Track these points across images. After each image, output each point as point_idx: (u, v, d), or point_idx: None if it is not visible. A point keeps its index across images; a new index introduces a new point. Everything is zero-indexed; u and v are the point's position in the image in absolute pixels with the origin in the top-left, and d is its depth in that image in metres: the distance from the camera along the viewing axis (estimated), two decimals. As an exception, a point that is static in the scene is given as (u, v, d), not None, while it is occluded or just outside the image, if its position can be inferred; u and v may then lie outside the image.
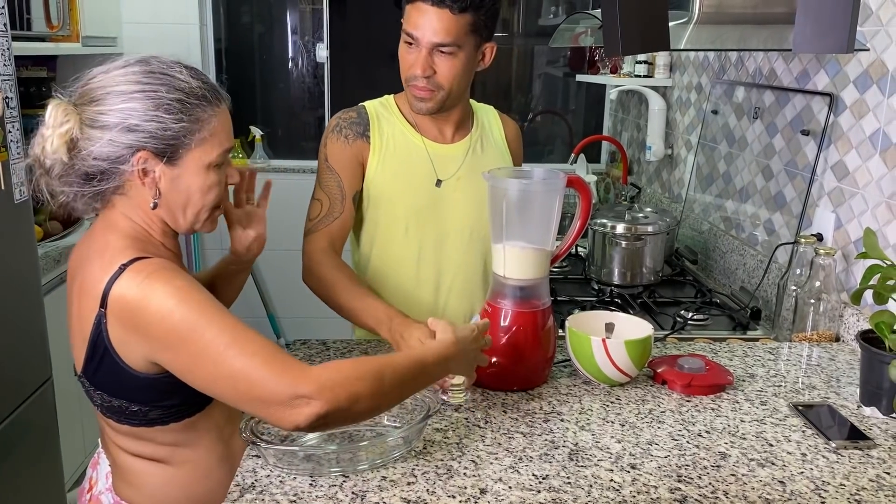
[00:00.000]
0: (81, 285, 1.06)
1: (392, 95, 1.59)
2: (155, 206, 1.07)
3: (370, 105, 1.57)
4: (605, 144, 3.75)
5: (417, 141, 1.54)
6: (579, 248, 2.40)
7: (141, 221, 1.09)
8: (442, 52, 1.41)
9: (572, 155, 3.13)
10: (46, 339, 2.05)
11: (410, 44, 1.42)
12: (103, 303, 1.01)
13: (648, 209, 2.29)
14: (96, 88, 1.04)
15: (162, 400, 1.08)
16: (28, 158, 1.06)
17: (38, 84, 3.08)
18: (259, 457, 1.09)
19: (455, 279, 1.57)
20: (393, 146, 1.53)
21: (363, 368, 0.99)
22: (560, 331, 1.38)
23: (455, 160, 1.54)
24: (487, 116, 1.63)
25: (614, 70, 3.07)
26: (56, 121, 1.02)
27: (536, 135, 4.02)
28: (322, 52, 3.54)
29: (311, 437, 1.15)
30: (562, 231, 1.40)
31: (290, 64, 3.73)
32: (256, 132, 3.54)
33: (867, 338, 1.30)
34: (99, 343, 1.03)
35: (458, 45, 1.41)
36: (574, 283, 2.21)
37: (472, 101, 1.62)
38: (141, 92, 1.03)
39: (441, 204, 1.53)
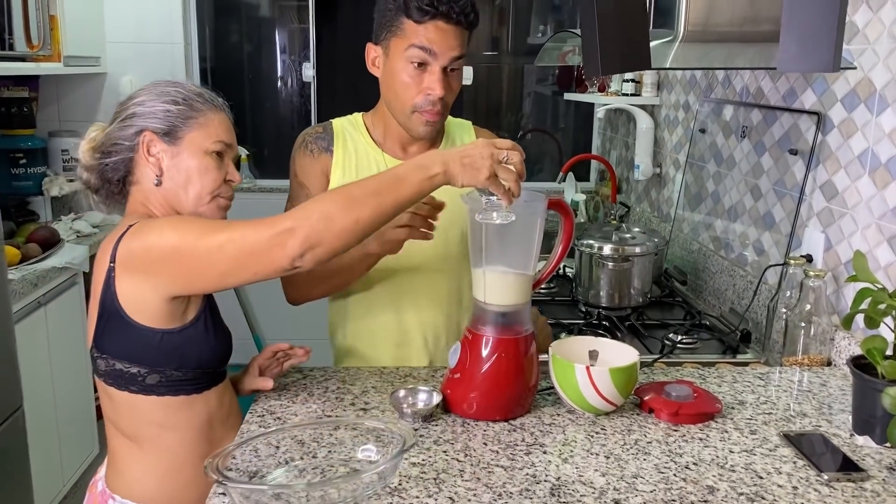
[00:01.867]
0: (98, 260, 1.17)
1: (360, 114, 1.56)
2: (159, 183, 1.20)
3: (337, 121, 1.54)
4: (594, 163, 3.73)
5: (380, 158, 1.50)
6: (567, 269, 2.36)
7: (149, 203, 1.22)
8: (453, 68, 1.39)
9: (560, 174, 3.10)
10: (17, 367, 1.99)
11: (421, 64, 1.37)
12: (113, 258, 1.13)
13: (637, 229, 2.25)
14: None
15: (159, 363, 1.17)
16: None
17: (19, 104, 3.04)
18: (225, 494, 1.04)
19: (421, 303, 1.53)
20: (356, 162, 1.49)
21: (328, 192, 1.14)
22: (545, 355, 1.34)
23: None
24: (461, 132, 1.59)
25: (602, 88, 3.05)
26: (86, 136, 1.24)
27: (526, 153, 3.97)
28: (308, 72, 3.52)
29: (279, 474, 1.10)
30: (548, 250, 1.36)
31: (278, 83, 3.71)
32: (242, 151, 3.50)
33: (859, 364, 1.26)
34: (108, 301, 1.14)
35: (464, 59, 1.41)
36: (561, 304, 2.17)
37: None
38: (147, 91, 1.22)
39: None
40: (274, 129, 3.77)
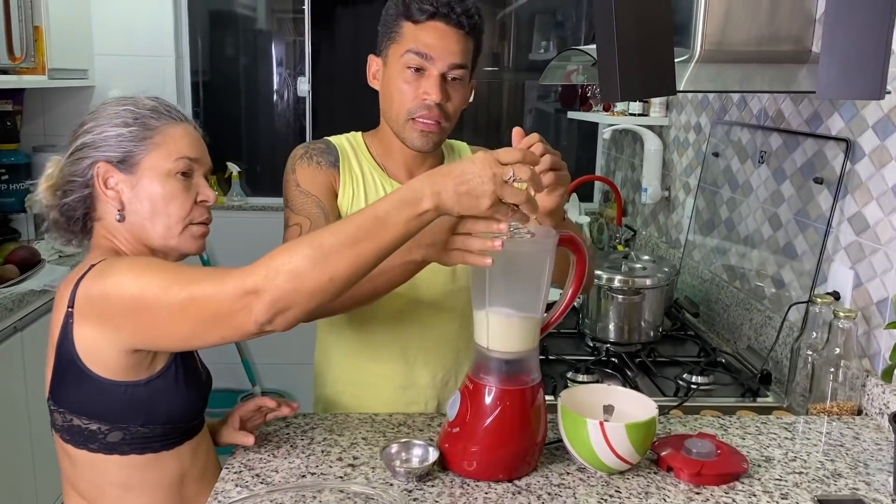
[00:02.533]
0: (57, 303, 1.06)
1: (360, 133, 1.45)
2: (122, 219, 1.09)
3: (336, 139, 1.43)
4: (597, 183, 3.61)
5: (387, 185, 1.39)
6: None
7: (126, 247, 1.10)
8: (453, 77, 1.29)
9: (564, 195, 2.98)
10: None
11: (418, 69, 1.28)
12: (71, 302, 1.02)
13: (646, 257, 2.13)
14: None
15: (123, 419, 1.05)
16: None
17: (2, 118, 2.93)
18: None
19: (426, 339, 1.42)
20: (363, 186, 1.38)
21: (299, 240, 0.95)
22: (550, 396, 1.21)
23: None
24: (460, 155, 1.48)
25: (607, 108, 2.94)
26: (44, 173, 1.11)
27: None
28: (304, 86, 3.41)
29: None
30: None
31: (274, 98, 3.60)
32: (233, 168, 3.39)
33: (901, 421, 1.13)
34: (64, 349, 1.03)
35: (466, 70, 1.31)
36: (567, 338, 2.04)
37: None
38: (96, 116, 1.10)
39: None
40: (268, 145, 3.65)
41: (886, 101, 1.46)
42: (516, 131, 1.10)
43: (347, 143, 1.42)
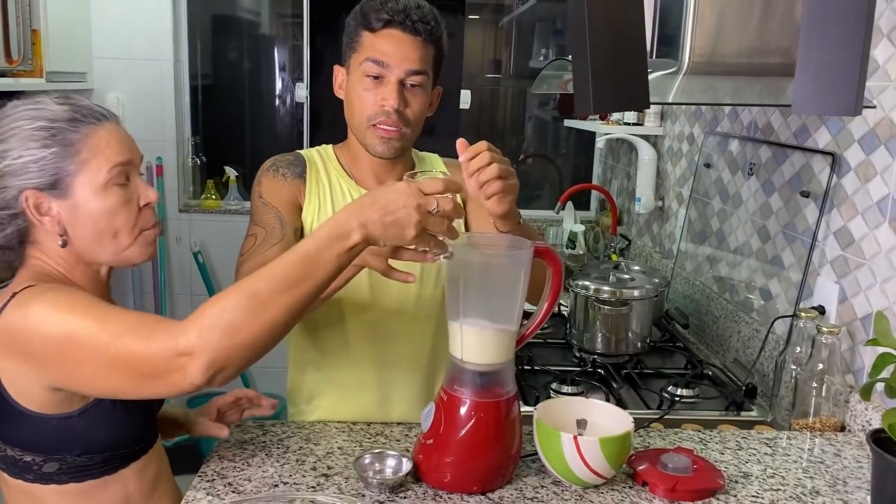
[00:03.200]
0: None
1: (331, 145, 1.47)
2: (65, 244, 1.01)
3: (306, 152, 1.45)
4: (594, 192, 3.60)
5: (354, 192, 1.40)
6: (562, 307, 2.23)
7: (60, 267, 1.03)
8: (412, 84, 1.30)
9: (558, 204, 2.98)
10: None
11: (377, 77, 1.29)
12: None
13: (636, 267, 2.12)
14: None
15: (58, 450, 0.99)
16: None
17: (0, 120, 2.94)
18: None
19: (400, 351, 1.42)
20: (331, 196, 1.39)
21: (230, 291, 0.90)
22: (532, 407, 1.20)
23: None
24: (432, 166, 1.48)
25: (603, 117, 2.93)
26: None
27: (527, 178, 3.87)
28: (301, 92, 3.41)
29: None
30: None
31: (273, 102, 3.60)
32: (231, 173, 3.40)
33: (879, 439, 1.12)
34: None
35: (426, 76, 1.31)
36: (554, 347, 2.04)
37: (414, 151, 1.49)
38: (7, 132, 0.98)
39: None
40: (268, 149, 3.65)
41: (872, 115, 1.46)
42: (460, 142, 1.11)
43: (317, 154, 1.45)
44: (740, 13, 1.50)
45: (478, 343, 1.13)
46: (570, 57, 2.12)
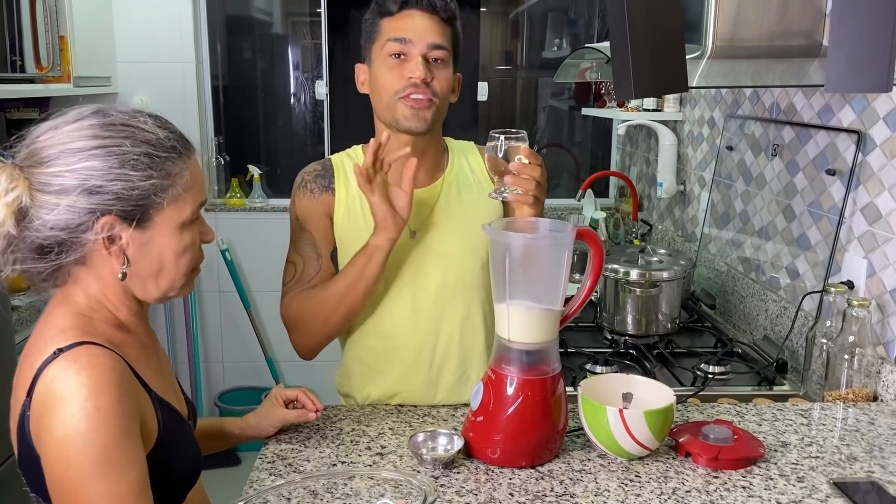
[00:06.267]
0: (19, 371, 0.92)
1: (360, 146, 1.49)
2: (124, 277, 0.94)
3: (336, 157, 1.48)
4: (613, 178, 3.64)
5: None
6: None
7: (97, 293, 0.96)
8: (435, 58, 1.34)
9: (580, 191, 3.02)
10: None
11: (399, 55, 1.33)
12: (30, 390, 0.88)
13: (662, 251, 2.16)
14: (47, 147, 0.91)
15: None
16: None
17: (29, 126, 3.00)
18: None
19: (450, 338, 1.45)
20: (359, 196, 1.41)
21: None
22: (570, 388, 1.25)
23: (426, 206, 1.42)
24: (466, 154, 1.50)
25: (622, 104, 2.96)
26: (0, 188, 0.88)
27: (545, 167, 3.91)
28: (321, 89, 3.46)
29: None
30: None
31: (291, 100, 3.65)
32: (255, 171, 3.45)
33: (915, 405, 1.16)
34: (22, 440, 0.90)
35: (448, 52, 1.35)
36: (585, 331, 2.08)
37: (448, 139, 1.51)
38: (101, 147, 0.90)
39: (418, 256, 1.42)
40: (287, 147, 3.71)
41: (897, 92, 1.49)
42: (524, 150, 1.30)
43: (347, 157, 1.47)
44: (762, -4, 1.53)
45: (524, 323, 1.18)
46: (591, 45, 2.16)
